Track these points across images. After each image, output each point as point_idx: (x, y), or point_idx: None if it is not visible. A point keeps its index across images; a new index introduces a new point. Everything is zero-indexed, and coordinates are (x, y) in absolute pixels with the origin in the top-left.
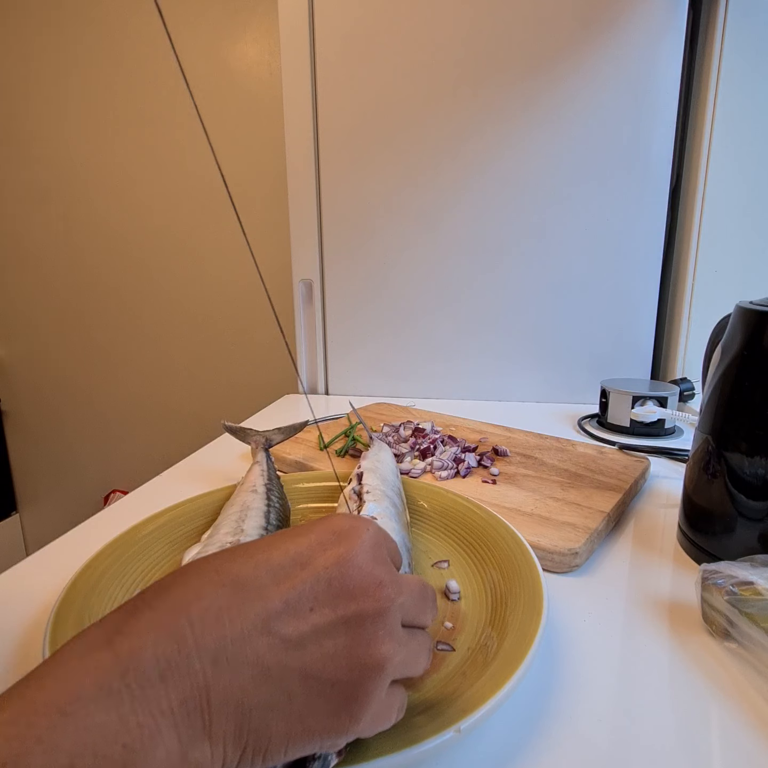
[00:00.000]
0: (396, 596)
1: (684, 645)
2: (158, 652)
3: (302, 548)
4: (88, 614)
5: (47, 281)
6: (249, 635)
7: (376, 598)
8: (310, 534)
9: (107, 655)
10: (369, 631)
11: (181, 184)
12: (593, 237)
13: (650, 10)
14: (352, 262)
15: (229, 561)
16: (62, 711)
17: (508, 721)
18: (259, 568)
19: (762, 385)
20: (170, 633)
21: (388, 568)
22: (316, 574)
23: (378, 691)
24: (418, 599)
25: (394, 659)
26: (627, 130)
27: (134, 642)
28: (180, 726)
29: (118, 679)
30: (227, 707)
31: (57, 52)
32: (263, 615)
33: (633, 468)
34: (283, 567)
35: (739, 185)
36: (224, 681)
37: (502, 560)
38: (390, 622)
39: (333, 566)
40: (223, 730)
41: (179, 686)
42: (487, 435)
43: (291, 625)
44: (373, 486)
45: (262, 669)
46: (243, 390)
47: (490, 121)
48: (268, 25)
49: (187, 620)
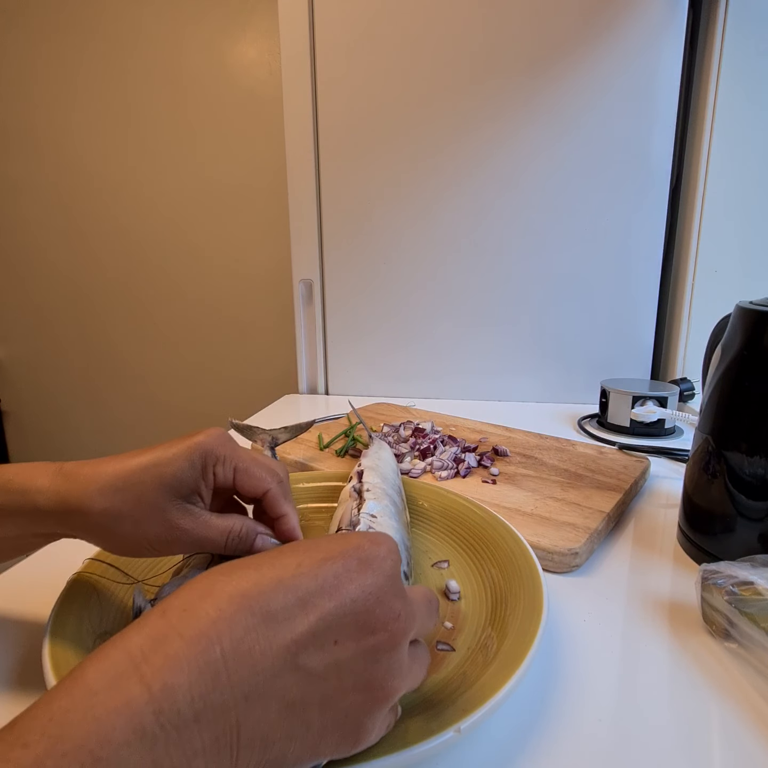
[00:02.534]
0: (409, 629)
1: (684, 645)
2: (193, 691)
3: (329, 575)
4: (88, 614)
5: (48, 281)
6: (279, 670)
7: (393, 632)
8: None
9: (139, 690)
10: (384, 664)
11: (184, 182)
12: (593, 237)
13: (650, 10)
14: (352, 262)
15: (256, 585)
16: (94, 756)
17: (508, 721)
18: (288, 596)
19: (762, 385)
20: (204, 668)
21: (404, 600)
22: (343, 606)
23: (381, 718)
24: (426, 618)
25: (402, 690)
26: (627, 130)
27: (167, 677)
28: (210, 764)
29: (152, 720)
30: (254, 742)
31: (63, 50)
32: (293, 648)
33: (633, 468)
34: (312, 595)
35: (739, 185)
36: (255, 717)
37: (502, 560)
38: (402, 655)
39: (359, 599)
40: (247, 763)
41: (213, 725)
42: (487, 435)
43: (317, 658)
44: (373, 484)
45: (289, 703)
46: (243, 390)
47: (489, 121)
48: (268, 25)
49: (221, 653)
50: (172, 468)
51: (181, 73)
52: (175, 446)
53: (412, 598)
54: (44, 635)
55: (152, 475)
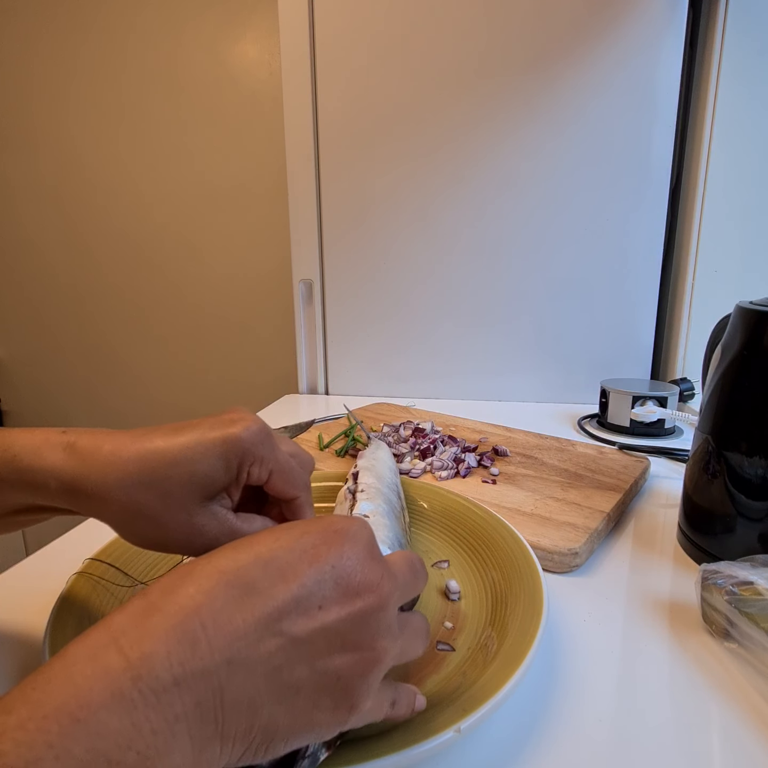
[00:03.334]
0: (394, 589)
1: (684, 645)
2: (172, 658)
3: (307, 546)
4: (87, 614)
5: (48, 280)
6: (262, 635)
7: (378, 593)
8: (312, 532)
9: (117, 659)
10: (372, 626)
11: (184, 182)
12: (593, 237)
13: (650, 9)
14: (352, 262)
15: (234, 561)
16: (73, 716)
17: (508, 721)
18: (268, 568)
19: (762, 385)
20: (183, 636)
21: (384, 564)
22: (323, 572)
23: (376, 683)
24: (411, 579)
25: (393, 651)
26: (627, 130)
27: (145, 646)
28: (193, 730)
29: (130, 685)
30: (240, 706)
31: (61, 49)
32: (275, 615)
33: (633, 468)
34: (291, 565)
35: (739, 185)
36: (238, 680)
37: (502, 560)
38: (390, 615)
39: (339, 565)
40: (234, 730)
41: (194, 689)
42: (487, 435)
43: (301, 624)
44: (368, 484)
45: (274, 666)
46: (243, 390)
47: (488, 120)
48: (268, 25)
49: (200, 623)
50: (204, 466)
51: (180, 73)
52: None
53: (392, 561)
54: (44, 635)
55: (181, 472)
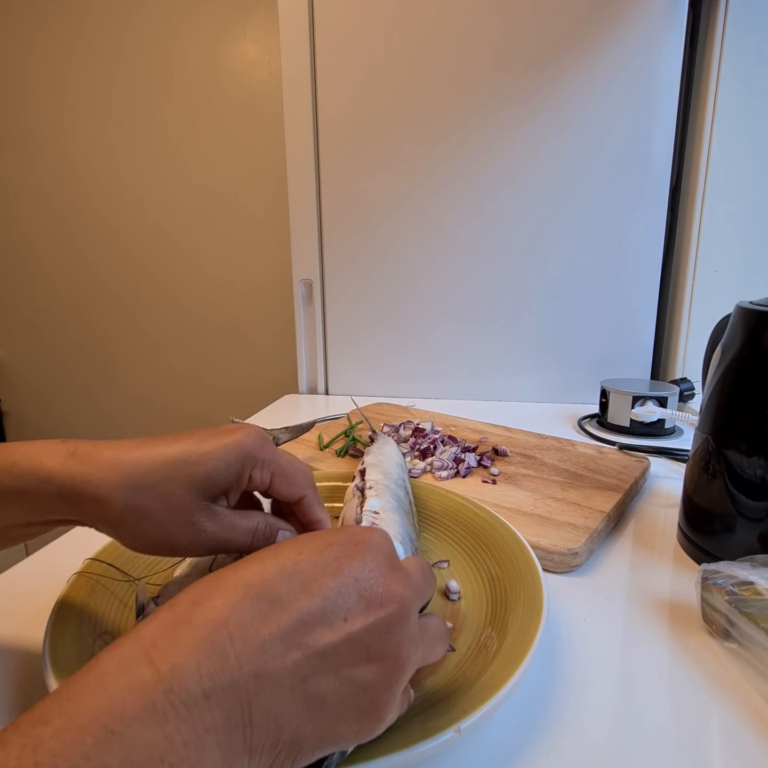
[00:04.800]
0: (414, 598)
1: (684, 645)
2: (202, 671)
3: (330, 559)
4: (87, 614)
5: (47, 281)
6: (288, 649)
7: (401, 603)
8: (335, 544)
9: (148, 672)
10: (396, 635)
11: (181, 183)
12: (593, 237)
13: (650, 9)
14: (352, 262)
15: (260, 573)
16: (108, 728)
17: (508, 721)
18: (293, 581)
19: (762, 385)
20: (212, 650)
21: (404, 573)
22: (347, 585)
23: (399, 692)
24: (425, 584)
25: (415, 659)
26: (627, 130)
27: (175, 659)
28: (223, 742)
29: (162, 698)
30: (267, 719)
31: (56, 51)
32: (300, 629)
33: (633, 468)
34: (315, 578)
35: (739, 185)
36: (266, 693)
37: (502, 560)
38: (412, 624)
39: (362, 577)
40: (262, 743)
41: (223, 703)
42: (487, 435)
43: (327, 636)
44: (375, 481)
45: (301, 678)
46: (243, 390)
47: (488, 119)
48: (268, 25)
49: (228, 636)
50: (204, 467)
51: (180, 73)
52: (209, 442)
53: (408, 568)
54: (44, 636)
55: (182, 473)
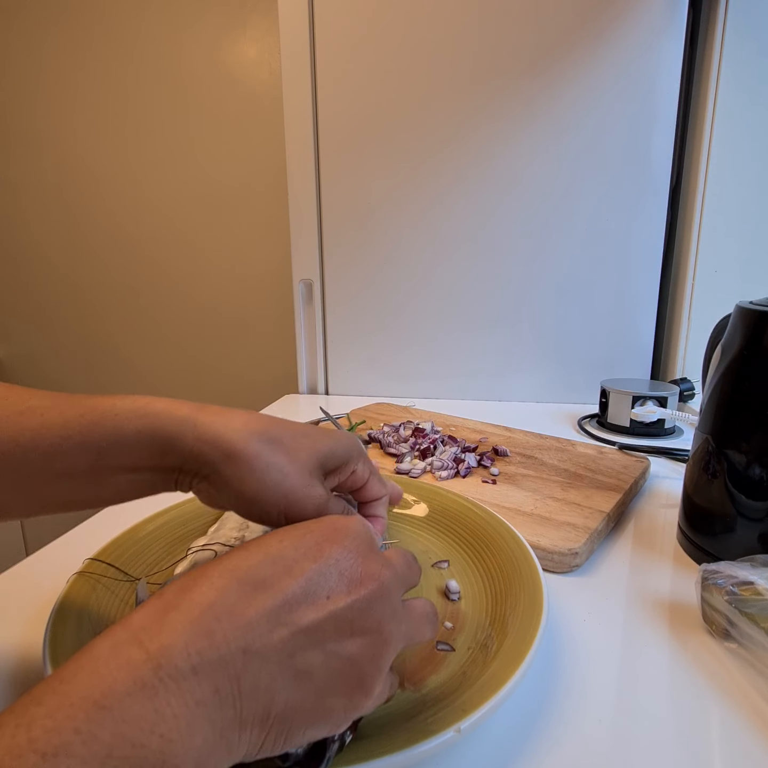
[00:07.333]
0: (393, 577)
1: (684, 645)
2: (189, 647)
3: (311, 543)
4: (88, 614)
5: (48, 281)
6: (274, 626)
7: (380, 581)
8: (315, 530)
9: (137, 652)
10: (377, 610)
11: (184, 182)
12: (593, 237)
13: (650, 10)
14: (352, 262)
15: (245, 560)
16: (98, 704)
17: (508, 721)
18: (276, 565)
19: (762, 385)
20: (199, 629)
21: (382, 556)
22: (328, 565)
23: (386, 667)
24: (407, 570)
25: (399, 634)
26: (627, 130)
27: (164, 639)
28: (213, 715)
29: (151, 674)
30: (256, 693)
31: (65, 49)
32: (285, 607)
33: (633, 468)
34: (297, 561)
35: (739, 185)
36: (254, 668)
37: (502, 560)
38: (393, 601)
39: (342, 557)
40: (252, 716)
41: (211, 677)
42: (487, 435)
43: (311, 613)
44: None
45: (288, 653)
46: (243, 389)
47: (489, 120)
48: (268, 25)
49: (215, 616)
50: (326, 444)
51: (180, 73)
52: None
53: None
54: (45, 635)
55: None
